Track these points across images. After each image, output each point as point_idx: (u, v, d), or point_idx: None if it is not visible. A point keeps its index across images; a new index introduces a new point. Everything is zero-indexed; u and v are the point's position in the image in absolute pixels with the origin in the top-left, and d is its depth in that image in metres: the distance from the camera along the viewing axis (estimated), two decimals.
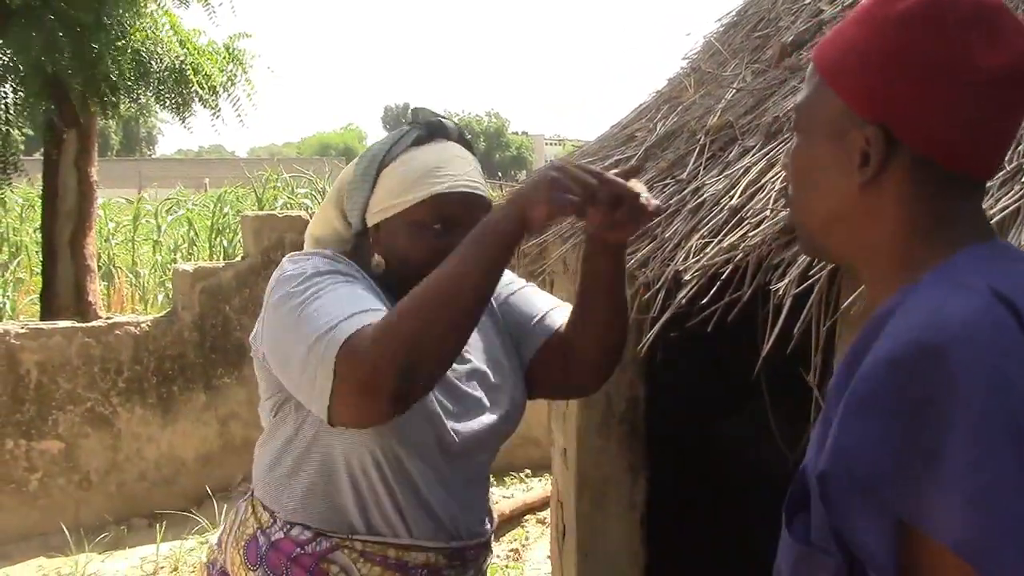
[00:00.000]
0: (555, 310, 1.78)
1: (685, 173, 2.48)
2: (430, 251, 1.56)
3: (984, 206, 1.14)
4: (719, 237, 2.10)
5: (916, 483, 0.87)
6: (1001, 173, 1.63)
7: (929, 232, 1.01)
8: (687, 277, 2.07)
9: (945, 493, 0.85)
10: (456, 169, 1.61)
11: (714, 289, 2.04)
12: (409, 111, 1.74)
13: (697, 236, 2.17)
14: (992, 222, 1.45)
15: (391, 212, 1.61)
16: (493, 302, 1.75)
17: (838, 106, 1.04)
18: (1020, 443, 0.84)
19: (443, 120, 1.68)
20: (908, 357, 0.90)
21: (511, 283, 1.83)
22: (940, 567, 0.88)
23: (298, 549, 1.59)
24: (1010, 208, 1.58)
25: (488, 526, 1.73)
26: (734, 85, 2.78)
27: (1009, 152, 1.04)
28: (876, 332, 0.96)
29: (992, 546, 0.83)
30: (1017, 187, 1.61)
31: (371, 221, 1.65)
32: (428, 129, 1.65)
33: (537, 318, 1.77)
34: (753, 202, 2.08)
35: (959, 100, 0.97)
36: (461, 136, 1.69)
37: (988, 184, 1.41)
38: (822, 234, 1.11)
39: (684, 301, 2.10)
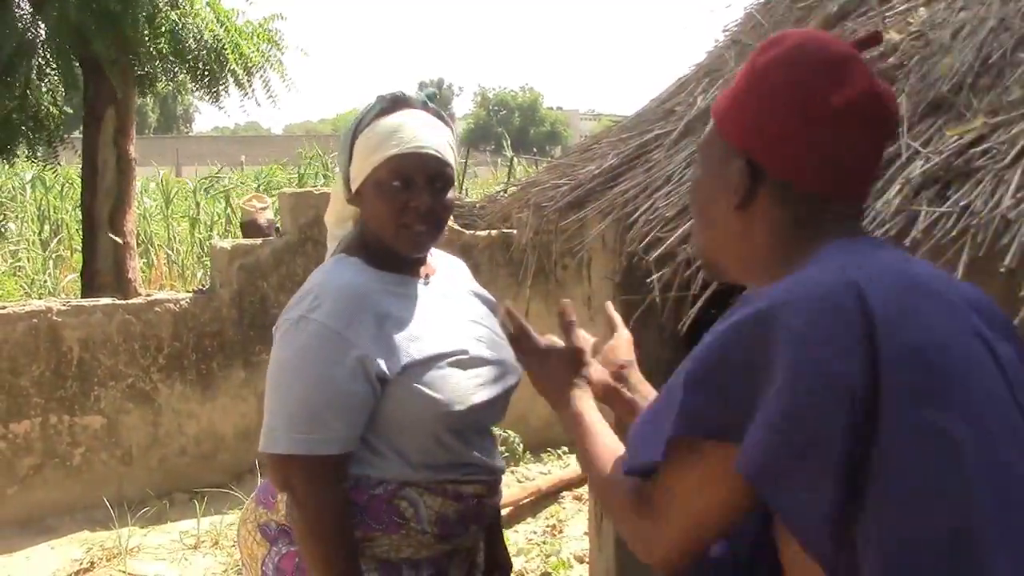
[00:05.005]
0: None
1: None
2: (392, 207, 1.74)
3: None
4: None
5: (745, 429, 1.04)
6: None
7: (792, 243, 1.17)
8: None
9: (753, 433, 1.03)
10: (411, 132, 1.76)
11: None
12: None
13: None
14: None
15: (362, 177, 1.78)
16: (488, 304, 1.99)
17: (721, 144, 1.22)
18: (815, 392, 1.00)
19: (404, 92, 1.84)
20: (743, 322, 1.07)
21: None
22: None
23: (369, 492, 1.75)
24: None
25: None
26: None
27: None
28: None
29: (768, 469, 1.02)
30: None
31: (353, 188, 1.82)
32: (392, 100, 1.81)
33: None
34: None
35: (812, 132, 1.14)
36: (425, 104, 1.84)
37: None
38: (714, 255, 1.28)
39: None
